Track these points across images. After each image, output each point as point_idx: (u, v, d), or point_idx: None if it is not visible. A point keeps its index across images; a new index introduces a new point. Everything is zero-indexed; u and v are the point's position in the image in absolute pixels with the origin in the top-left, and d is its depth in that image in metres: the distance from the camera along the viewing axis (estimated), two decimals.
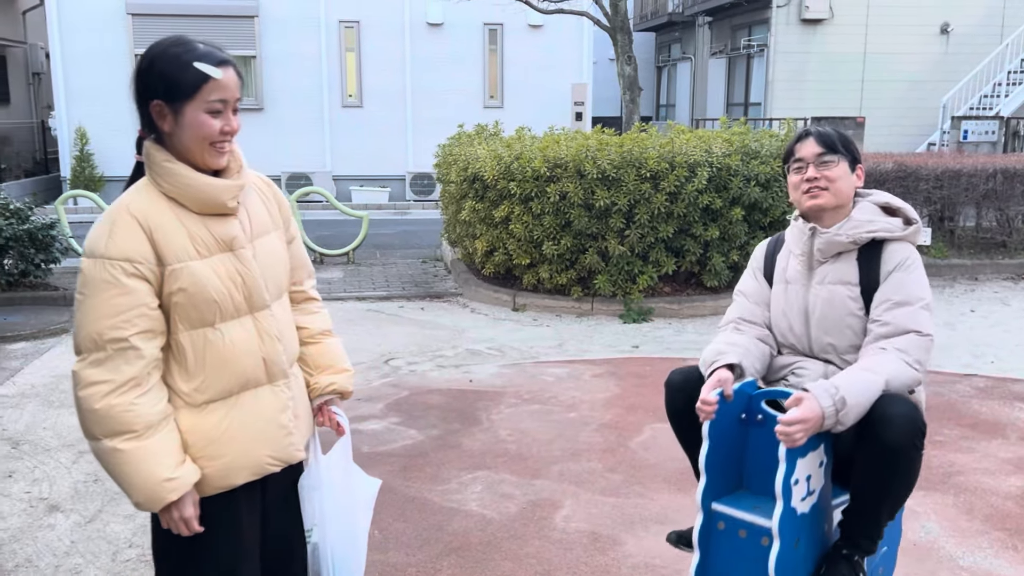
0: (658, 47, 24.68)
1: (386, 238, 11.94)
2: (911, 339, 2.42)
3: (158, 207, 1.87)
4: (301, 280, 2.22)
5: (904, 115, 17.47)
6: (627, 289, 7.21)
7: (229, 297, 1.91)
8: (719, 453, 2.43)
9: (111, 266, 1.80)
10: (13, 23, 19.00)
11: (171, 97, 1.84)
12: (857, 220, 2.54)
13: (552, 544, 3.43)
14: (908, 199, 8.92)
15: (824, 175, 2.53)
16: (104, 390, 1.80)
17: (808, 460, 2.30)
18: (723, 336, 2.68)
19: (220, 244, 1.91)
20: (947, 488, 3.92)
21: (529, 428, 4.67)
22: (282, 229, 2.11)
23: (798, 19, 17.60)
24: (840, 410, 2.24)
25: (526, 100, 16.38)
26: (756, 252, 2.84)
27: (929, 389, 5.26)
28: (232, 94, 1.89)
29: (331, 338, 2.25)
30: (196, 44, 1.88)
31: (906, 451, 2.28)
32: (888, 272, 2.48)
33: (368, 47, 16.12)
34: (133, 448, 1.81)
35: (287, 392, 2.04)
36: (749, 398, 2.49)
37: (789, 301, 2.63)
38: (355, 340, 6.52)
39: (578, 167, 6.98)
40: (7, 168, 16.09)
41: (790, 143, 2.65)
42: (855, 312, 2.51)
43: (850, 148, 2.58)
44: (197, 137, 1.85)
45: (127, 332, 1.80)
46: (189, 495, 1.88)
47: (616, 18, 11.18)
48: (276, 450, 2.02)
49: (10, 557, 3.34)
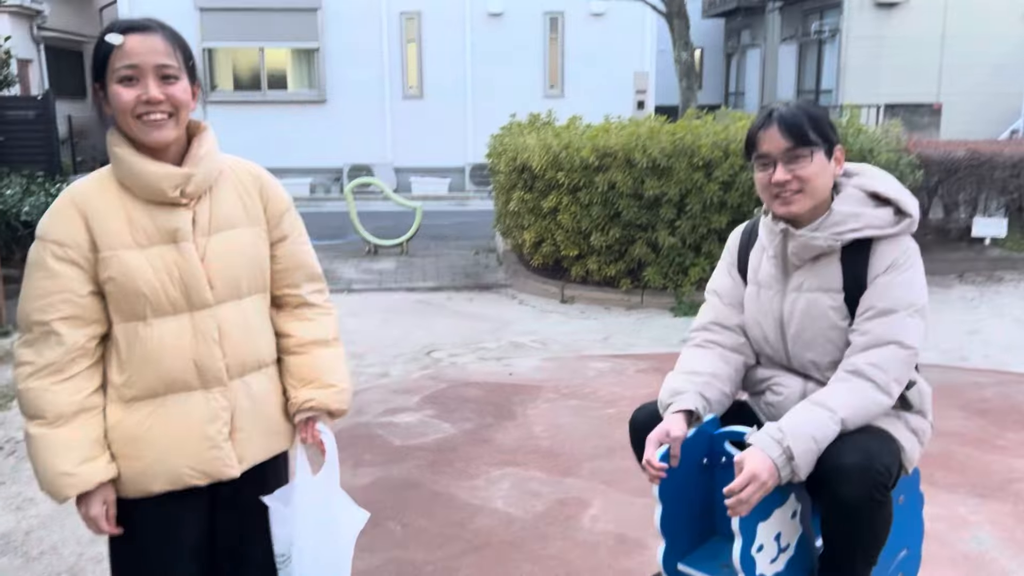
0: (727, 34, 24.14)
1: (442, 229, 11.92)
2: (890, 353, 2.08)
3: (105, 193, 1.81)
4: (297, 283, 2.04)
5: (986, 101, 16.71)
6: (678, 281, 7.01)
7: (162, 291, 1.80)
8: (679, 510, 2.19)
9: (43, 248, 1.78)
10: (90, 19, 19.64)
11: (96, 76, 1.80)
12: (839, 215, 2.14)
13: (576, 545, 3.31)
14: (983, 188, 8.51)
15: (796, 175, 2.11)
16: (27, 371, 1.78)
17: (774, 519, 2.05)
18: (686, 359, 2.36)
19: (162, 234, 1.81)
20: (1005, 496, 3.66)
21: (564, 424, 4.55)
22: (261, 227, 1.96)
23: (872, 2, 16.98)
24: (792, 458, 1.97)
25: (587, 90, 16.16)
26: (729, 243, 2.45)
27: (994, 390, 4.97)
28: (146, 60, 1.75)
29: (323, 349, 2.04)
30: (120, 20, 1.82)
31: (864, 505, 1.99)
32: (877, 275, 2.12)
33: (429, 38, 16.12)
34: (40, 435, 1.78)
35: (221, 402, 1.88)
36: (710, 439, 2.20)
37: (762, 307, 2.28)
38: (400, 331, 6.49)
39: (627, 156, 6.80)
40: (83, 160, 16.61)
41: (751, 128, 2.19)
42: (838, 324, 2.15)
43: (824, 131, 2.13)
44: (120, 112, 1.77)
45: (49, 316, 1.77)
46: (97, 493, 1.81)
47: (673, 4, 10.91)
48: (197, 462, 1.86)
49: (36, 544, 3.37)
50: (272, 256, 1.99)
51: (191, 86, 1.85)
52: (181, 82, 1.80)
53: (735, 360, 2.34)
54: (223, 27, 15.31)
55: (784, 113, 2.13)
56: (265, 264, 1.97)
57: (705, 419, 2.20)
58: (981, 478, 3.82)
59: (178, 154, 1.85)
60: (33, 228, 6.88)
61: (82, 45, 19.14)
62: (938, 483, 3.68)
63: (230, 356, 1.89)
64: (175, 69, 1.80)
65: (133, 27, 1.78)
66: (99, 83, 1.80)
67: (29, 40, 16.47)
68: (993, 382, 5.13)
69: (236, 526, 1.99)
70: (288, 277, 2.03)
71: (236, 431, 1.91)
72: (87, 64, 11.21)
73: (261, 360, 1.98)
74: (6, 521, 3.56)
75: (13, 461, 4.16)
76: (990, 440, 4.23)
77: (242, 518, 1.99)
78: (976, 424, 4.43)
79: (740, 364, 2.34)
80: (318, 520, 1.99)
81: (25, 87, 16.16)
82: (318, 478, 2.00)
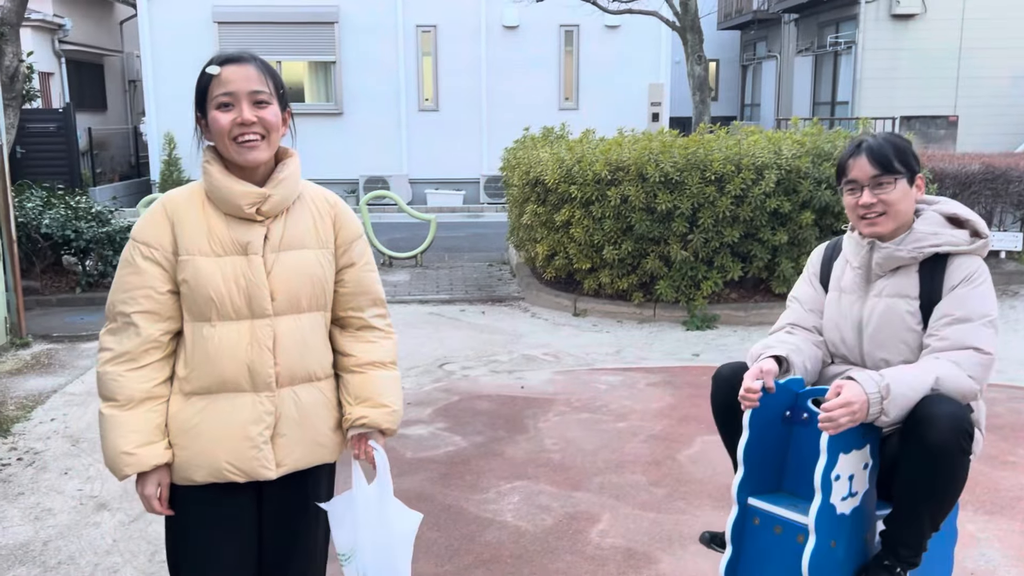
0: (743, 46, 24.15)
1: (457, 241, 11.99)
2: (969, 355, 2.29)
3: (191, 202, 1.99)
4: (360, 307, 2.16)
5: (1003, 113, 16.62)
6: (691, 295, 7.02)
7: (228, 297, 1.95)
8: (759, 447, 2.35)
9: (133, 247, 1.97)
10: (111, 33, 19.88)
11: (199, 106, 1.99)
12: (920, 233, 2.40)
13: (584, 560, 3.33)
14: (998, 202, 8.48)
15: (881, 199, 2.39)
16: (106, 356, 1.97)
17: (851, 458, 2.20)
18: (775, 335, 2.61)
19: (235, 246, 1.97)
20: (1015, 513, 3.66)
21: (575, 437, 4.58)
22: (329, 250, 2.09)
23: (888, 14, 16.93)
24: (885, 398, 2.15)
25: (602, 102, 16.22)
26: (812, 256, 2.73)
27: (1006, 405, 4.96)
28: (240, 87, 1.94)
29: (379, 370, 2.15)
30: (217, 54, 1.98)
31: (950, 452, 2.16)
32: (952, 287, 2.35)
33: (445, 51, 16.23)
34: (110, 415, 1.95)
35: (266, 406, 2.01)
36: (795, 396, 2.40)
37: (843, 311, 2.53)
38: (413, 344, 6.54)
39: (640, 170, 6.84)
40: (102, 172, 16.80)
41: (842, 156, 2.49)
42: (912, 327, 2.39)
43: (907, 161, 2.41)
44: (217, 135, 1.95)
45: (130, 308, 1.95)
46: (153, 475, 1.97)
47: (686, 17, 10.94)
48: (237, 459, 1.99)
49: (54, 554, 3.43)
50: (339, 280, 2.13)
51: (282, 112, 2.03)
52: (272, 107, 1.98)
53: (815, 349, 2.56)
54: (241, 40, 15.43)
55: (872, 144, 2.40)
56: (328, 285, 2.10)
57: (792, 376, 2.40)
58: (990, 495, 3.82)
59: (265, 176, 2.01)
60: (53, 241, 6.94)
61: (103, 58, 19.37)
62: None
63: (281, 364, 2.01)
64: (267, 95, 1.97)
65: (229, 59, 1.95)
66: (200, 113, 1.99)
67: (51, 53, 16.70)
68: (1005, 398, 5.11)
69: (278, 529, 2.12)
70: (353, 301, 2.15)
71: (278, 436, 2.03)
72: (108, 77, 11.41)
73: (312, 373, 2.08)
74: (25, 531, 3.62)
75: (32, 472, 4.23)
76: (1001, 456, 4.22)
77: (282, 526, 2.12)
78: (987, 440, 4.37)
79: (818, 355, 2.56)
80: (374, 524, 2.13)
81: (46, 100, 16.38)
82: (371, 488, 2.14)
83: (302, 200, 2.07)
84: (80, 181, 14.46)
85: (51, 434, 4.74)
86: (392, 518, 2.18)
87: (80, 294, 7.93)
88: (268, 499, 2.09)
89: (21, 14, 7.12)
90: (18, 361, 6.18)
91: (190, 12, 15.46)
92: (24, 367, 6.04)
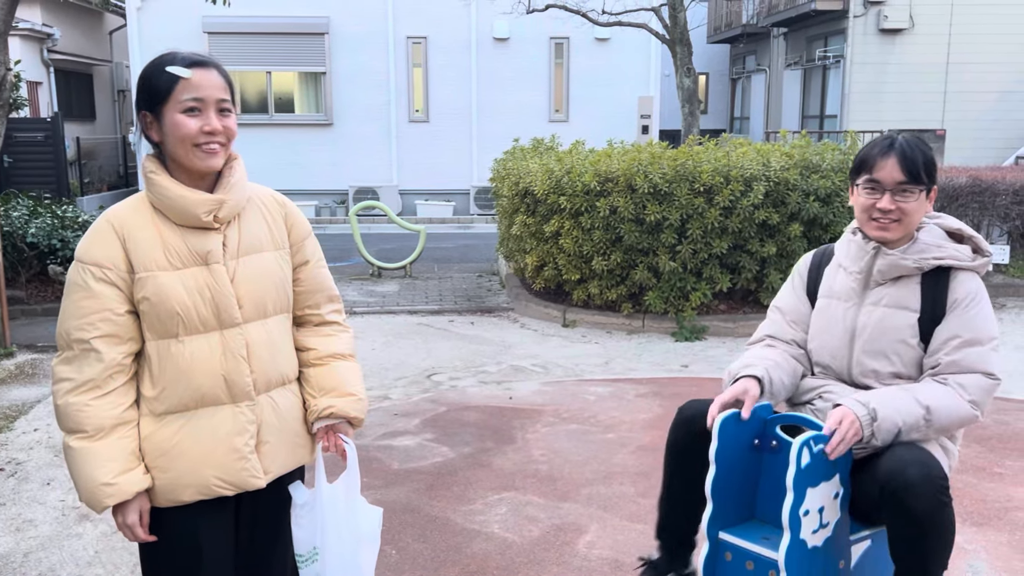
0: (732, 59, 24.27)
1: (446, 252, 11.97)
2: (977, 380, 2.25)
3: (140, 217, 1.91)
4: (317, 304, 2.16)
5: (990, 127, 16.73)
6: (679, 306, 7.03)
7: (194, 310, 1.89)
8: (727, 479, 2.29)
9: (83, 270, 1.87)
10: (100, 42, 19.84)
11: (151, 104, 1.90)
12: (924, 244, 2.34)
13: (571, 571, 3.31)
14: (984, 215, 8.53)
15: (900, 207, 2.30)
16: (66, 387, 1.86)
17: (820, 490, 2.15)
18: (751, 352, 2.53)
19: (194, 257, 1.91)
20: (1002, 524, 3.65)
21: (563, 448, 4.56)
22: (285, 250, 2.07)
23: (876, 29, 17.04)
24: (875, 419, 2.14)
25: (592, 114, 16.28)
26: (800, 264, 2.63)
27: (994, 417, 4.96)
28: (208, 93, 1.88)
29: (341, 361, 2.15)
30: (178, 53, 1.91)
31: (934, 515, 2.11)
32: (954, 303, 2.29)
33: (435, 62, 16.26)
34: (81, 448, 1.86)
35: (248, 415, 1.98)
36: (763, 423, 2.34)
37: (834, 318, 2.44)
38: (401, 354, 6.51)
39: (629, 181, 6.85)
40: (90, 182, 16.73)
41: (867, 151, 2.35)
42: (908, 340, 2.32)
43: (932, 173, 2.33)
44: (177, 139, 1.88)
45: (88, 335, 1.86)
46: (134, 503, 1.89)
47: (676, 30, 11.00)
48: (226, 473, 1.95)
49: (35, 565, 3.38)
50: (295, 279, 2.11)
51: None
52: (233, 115, 1.95)
53: (794, 363, 2.49)
54: (231, 51, 15.43)
55: (905, 149, 2.29)
56: (288, 286, 2.08)
57: (759, 403, 2.33)
58: (978, 506, 3.81)
59: (211, 181, 1.96)
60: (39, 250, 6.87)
61: (91, 68, 19.32)
62: None
63: (257, 372, 1.98)
64: (229, 103, 1.94)
65: (197, 62, 1.89)
66: (149, 111, 1.90)
67: (39, 63, 16.64)
68: (993, 409, 5.12)
69: (256, 536, 2.09)
70: (310, 298, 2.15)
71: (262, 444, 2.01)
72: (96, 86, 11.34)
73: (285, 376, 2.07)
74: (5, 542, 3.57)
75: (14, 483, 4.18)
76: (988, 468, 4.22)
77: (262, 528, 2.09)
78: (974, 451, 4.42)
79: (798, 369, 2.50)
80: (341, 523, 2.09)
81: (34, 109, 16.31)
82: (339, 484, 2.11)
83: (251, 202, 2.03)
84: (68, 190, 14.39)
85: (34, 444, 4.69)
86: (359, 515, 2.17)
87: None
88: (247, 504, 2.06)
89: (9, 23, 7.08)
90: (2, 371, 6.12)
91: (179, 22, 15.45)
92: (8, 377, 5.99)
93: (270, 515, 2.10)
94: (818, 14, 17.62)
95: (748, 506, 2.39)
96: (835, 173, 7.00)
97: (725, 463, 2.27)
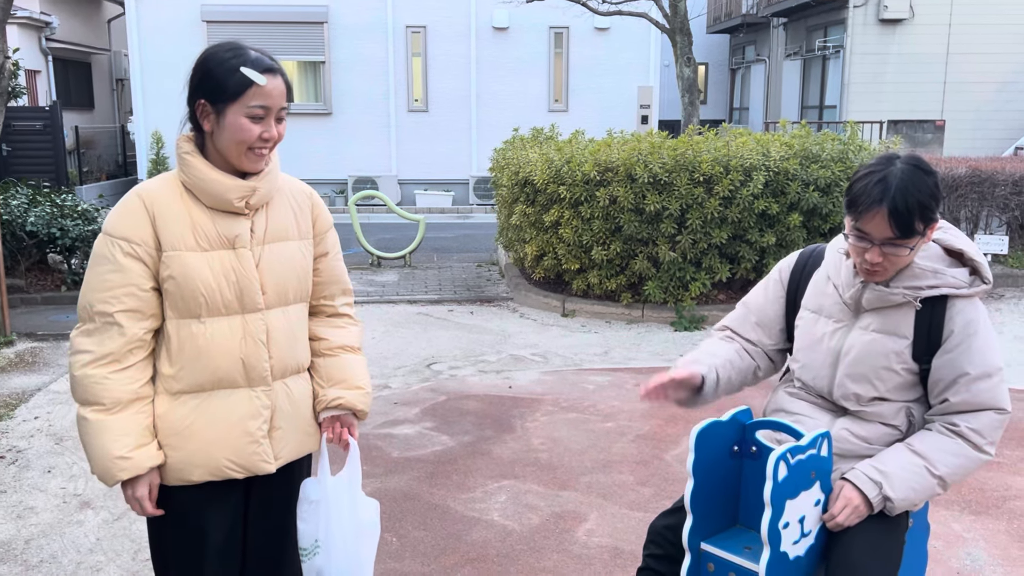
0: (732, 49, 24.22)
1: (445, 241, 11.97)
2: (990, 418, 2.12)
3: (170, 195, 1.92)
4: (332, 296, 2.19)
5: (990, 118, 16.72)
6: (679, 296, 7.03)
7: (218, 293, 1.91)
8: (707, 490, 2.24)
9: (111, 243, 1.88)
10: (98, 31, 19.77)
11: (215, 98, 1.89)
12: (918, 269, 2.13)
13: (571, 559, 3.33)
14: (984, 205, 8.53)
15: (889, 258, 2.08)
16: (85, 359, 1.87)
17: (800, 500, 2.09)
18: (707, 343, 2.45)
19: (222, 240, 1.93)
20: (1000, 513, 3.67)
21: (562, 437, 4.57)
22: (309, 240, 2.10)
23: (876, 19, 17.01)
24: (888, 500, 2.09)
25: (591, 103, 16.25)
26: (783, 264, 2.42)
27: None
28: (275, 102, 1.91)
29: (351, 354, 2.18)
30: (248, 51, 1.92)
31: None
32: (952, 334, 2.12)
33: (434, 52, 16.22)
34: (97, 420, 1.87)
35: (263, 400, 2.00)
36: (743, 428, 2.27)
37: (819, 336, 2.27)
38: (401, 343, 6.52)
39: (629, 171, 6.84)
40: (89, 171, 16.70)
41: (860, 190, 2.07)
42: (894, 367, 2.16)
43: (930, 217, 2.05)
44: (235, 140, 1.89)
45: (113, 308, 1.86)
46: (145, 477, 1.91)
47: (676, 20, 10.97)
48: (238, 456, 1.97)
49: (36, 552, 3.40)
50: (315, 269, 2.14)
51: None
52: (285, 120, 1.98)
53: (748, 360, 2.42)
54: (230, 40, 15.36)
55: (898, 202, 2.01)
56: (309, 275, 2.10)
57: (738, 409, 2.28)
58: (976, 495, 3.83)
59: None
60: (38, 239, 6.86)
61: (90, 56, 19.26)
62: (933, 500, 3.69)
63: (275, 358, 2.01)
64: (285, 111, 1.97)
65: (271, 69, 1.90)
66: (209, 101, 1.89)
67: (37, 51, 16.58)
68: None
69: (265, 523, 2.11)
70: (326, 289, 2.18)
71: (274, 429, 2.03)
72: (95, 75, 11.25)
73: (300, 364, 2.10)
74: (7, 529, 3.59)
75: (15, 470, 4.19)
76: None
77: (272, 515, 2.11)
78: None
79: (751, 366, 2.42)
80: (344, 517, 2.12)
81: (32, 98, 16.27)
82: (342, 476, 2.14)
83: (280, 192, 2.06)
84: (66, 179, 14.37)
85: (34, 432, 4.70)
86: (360, 507, 2.19)
87: (65, 292, 7.86)
88: (257, 490, 2.07)
89: (7, 10, 7.06)
90: (2, 359, 6.13)
91: (178, 11, 15.38)
92: (8, 365, 5.99)
93: (280, 502, 2.11)
94: (818, 4, 17.59)
95: (731, 513, 2.34)
96: (835, 163, 7.00)
97: (703, 474, 2.21)
